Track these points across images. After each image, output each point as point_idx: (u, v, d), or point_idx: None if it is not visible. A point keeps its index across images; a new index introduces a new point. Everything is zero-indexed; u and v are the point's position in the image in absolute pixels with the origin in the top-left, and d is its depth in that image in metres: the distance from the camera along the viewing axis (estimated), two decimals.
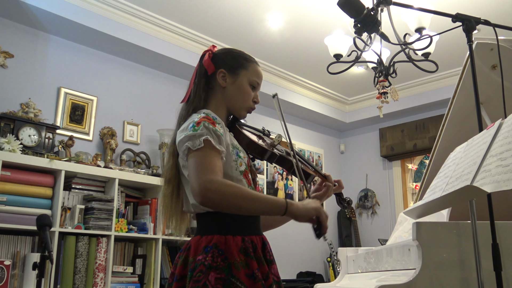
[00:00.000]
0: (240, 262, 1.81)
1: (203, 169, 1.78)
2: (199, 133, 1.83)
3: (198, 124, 1.86)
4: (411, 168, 7.71)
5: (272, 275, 1.92)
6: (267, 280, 1.86)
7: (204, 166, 1.78)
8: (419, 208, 2.12)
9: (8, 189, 4.03)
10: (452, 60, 6.14)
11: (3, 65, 4.59)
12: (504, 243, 2.18)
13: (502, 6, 5.11)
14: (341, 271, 3.73)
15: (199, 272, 1.78)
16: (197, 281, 1.76)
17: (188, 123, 1.90)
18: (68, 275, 4.26)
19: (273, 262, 1.99)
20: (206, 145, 1.81)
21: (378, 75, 4.28)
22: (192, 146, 1.82)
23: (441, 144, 3.34)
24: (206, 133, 1.83)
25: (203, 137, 1.82)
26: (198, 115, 1.92)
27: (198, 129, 1.84)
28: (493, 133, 1.79)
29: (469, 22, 2.10)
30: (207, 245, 1.84)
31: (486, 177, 1.63)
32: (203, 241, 1.86)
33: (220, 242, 1.83)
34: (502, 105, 2.04)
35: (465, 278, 2.33)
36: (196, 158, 1.81)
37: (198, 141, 1.81)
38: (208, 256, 1.80)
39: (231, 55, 2.15)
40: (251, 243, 1.90)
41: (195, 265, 1.81)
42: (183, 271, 1.87)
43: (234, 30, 5.66)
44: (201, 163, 1.79)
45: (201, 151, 1.81)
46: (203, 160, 1.80)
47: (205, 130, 1.84)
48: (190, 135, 1.84)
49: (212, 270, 1.77)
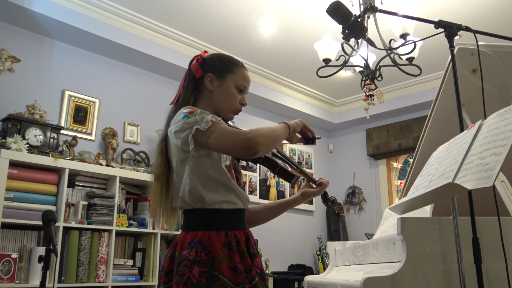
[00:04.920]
0: (223, 256, 1.80)
1: (234, 131, 1.83)
2: (201, 116, 1.83)
3: (191, 112, 1.85)
4: (396, 166, 7.72)
5: (255, 267, 1.91)
6: (249, 272, 1.85)
7: (232, 130, 1.84)
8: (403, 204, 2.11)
9: (15, 186, 4.03)
10: (434, 64, 6.15)
11: (10, 69, 4.57)
12: (484, 238, 2.17)
13: (482, 13, 5.12)
14: (330, 263, 3.72)
15: (183, 266, 1.77)
16: (182, 275, 1.75)
17: (178, 116, 1.89)
18: (71, 268, 4.25)
19: (257, 255, 1.98)
20: (213, 122, 1.83)
21: (365, 78, 4.28)
22: (202, 127, 1.80)
23: (424, 144, 3.34)
24: (206, 114, 1.84)
25: (206, 118, 1.82)
26: (187, 108, 1.91)
27: (196, 114, 1.84)
28: (473, 133, 1.79)
29: (451, 28, 2.10)
30: (191, 240, 1.82)
31: (467, 175, 1.62)
32: (188, 237, 1.85)
33: (204, 238, 1.82)
34: (482, 107, 2.04)
35: (447, 271, 2.33)
36: (215, 132, 1.81)
37: (203, 124, 1.81)
38: (192, 251, 1.79)
39: (219, 60, 2.13)
40: (234, 237, 1.88)
41: (180, 260, 1.80)
42: (170, 266, 1.87)
43: (228, 35, 5.65)
44: (227, 129, 1.83)
45: (216, 124, 1.83)
46: (225, 127, 1.84)
47: (203, 114, 1.84)
48: (192, 121, 1.83)
49: (196, 264, 1.76)
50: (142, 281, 4.76)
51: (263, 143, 1.81)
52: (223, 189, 1.90)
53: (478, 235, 1.87)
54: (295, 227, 7.25)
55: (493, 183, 1.47)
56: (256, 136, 1.78)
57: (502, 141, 1.57)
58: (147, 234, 4.91)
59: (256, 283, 1.86)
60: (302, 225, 7.36)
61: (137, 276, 4.71)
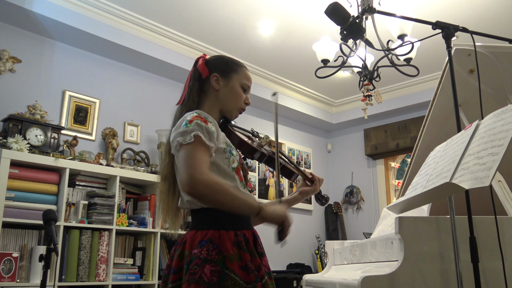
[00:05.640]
0: (234, 255, 1.81)
1: (193, 161, 1.78)
2: (191, 129, 1.83)
3: (190, 121, 1.86)
4: (393, 166, 7.71)
5: (263, 266, 1.92)
6: (259, 271, 1.86)
7: (194, 159, 1.78)
8: (401, 204, 2.11)
9: (16, 186, 4.02)
10: (432, 65, 6.15)
11: (11, 70, 4.56)
12: (480, 237, 2.17)
13: (479, 15, 5.12)
14: (328, 262, 3.73)
15: (195, 265, 1.76)
16: (193, 274, 1.75)
17: (181, 121, 1.90)
18: (72, 267, 4.25)
19: (264, 255, 1.99)
20: (196, 140, 1.81)
21: (363, 79, 4.27)
22: (183, 141, 1.82)
23: (422, 144, 3.34)
24: (197, 129, 1.83)
25: (194, 132, 1.82)
26: (191, 114, 1.92)
27: (190, 126, 1.84)
28: (470, 133, 1.79)
29: (448, 29, 2.10)
30: (202, 239, 1.82)
31: (464, 174, 1.62)
32: (198, 235, 1.85)
33: (214, 237, 1.82)
34: (479, 107, 2.04)
35: (444, 269, 2.33)
36: (186, 151, 1.81)
37: (189, 137, 1.81)
38: (203, 250, 1.79)
39: (222, 60, 2.17)
40: (244, 237, 1.89)
41: (191, 258, 1.80)
42: (179, 264, 1.86)
43: (228, 36, 5.65)
44: (191, 156, 1.79)
45: (191, 145, 1.81)
46: (193, 154, 1.80)
47: (196, 127, 1.83)
48: (182, 131, 1.84)
49: (207, 263, 1.76)
50: (142, 280, 4.75)
51: (204, 196, 1.78)
52: None
53: (475, 234, 1.87)
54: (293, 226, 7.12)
55: (490, 182, 1.47)
56: (204, 185, 1.75)
57: (499, 141, 1.57)
58: (147, 233, 4.91)
59: (266, 282, 1.88)
60: (301, 224, 7.35)
61: (137, 275, 4.71)
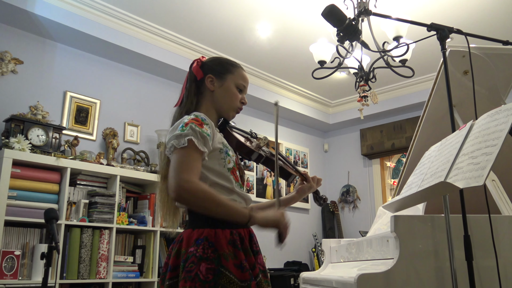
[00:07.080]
0: (229, 253, 1.81)
1: (182, 167, 1.77)
2: (185, 133, 1.82)
3: (186, 125, 1.85)
4: (389, 165, 7.72)
5: (258, 264, 1.92)
6: (254, 269, 1.87)
7: (184, 165, 1.78)
8: (397, 203, 2.11)
9: (18, 185, 4.02)
10: (427, 66, 6.15)
11: (13, 71, 4.55)
12: (475, 235, 2.17)
13: (473, 17, 5.12)
14: (325, 260, 3.73)
15: (191, 263, 1.76)
16: (189, 271, 1.75)
17: (179, 124, 1.90)
18: (73, 264, 4.24)
19: (259, 253, 1.99)
20: (190, 145, 1.81)
21: (359, 80, 4.27)
22: (177, 144, 1.81)
23: (417, 144, 3.34)
24: (191, 134, 1.82)
25: (188, 137, 1.81)
26: (188, 117, 1.91)
27: (185, 129, 1.83)
28: (465, 133, 1.79)
29: (443, 31, 2.10)
30: (198, 237, 1.82)
31: (459, 174, 1.62)
32: (195, 234, 1.84)
33: (210, 235, 1.82)
34: (473, 108, 2.04)
35: (439, 267, 2.33)
36: (178, 156, 1.80)
37: (183, 140, 1.81)
38: (199, 248, 1.79)
39: (218, 62, 2.17)
40: (239, 235, 1.89)
41: (187, 257, 1.80)
42: (176, 262, 1.86)
43: (226, 38, 5.65)
44: (181, 161, 1.79)
45: (183, 150, 1.81)
46: (183, 159, 1.79)
47: (191, 131, 1.83)
48: (177, 134, 1.84)
49: (203, 261, 1.75)
50: (142, 278, 4.74)
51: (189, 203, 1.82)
52: (226, 191, 1.93)
53: (469, 233, 1.87)
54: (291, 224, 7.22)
55: (484, 182, 1.47)
56: (189, 193, 1.75)
57: (493, 141, 1.57)
58: (147, 232, 4.91)
59: (260, 280, 1.88)
60: (298, 222, 7.35)
61: (137, 273, 4.70)
